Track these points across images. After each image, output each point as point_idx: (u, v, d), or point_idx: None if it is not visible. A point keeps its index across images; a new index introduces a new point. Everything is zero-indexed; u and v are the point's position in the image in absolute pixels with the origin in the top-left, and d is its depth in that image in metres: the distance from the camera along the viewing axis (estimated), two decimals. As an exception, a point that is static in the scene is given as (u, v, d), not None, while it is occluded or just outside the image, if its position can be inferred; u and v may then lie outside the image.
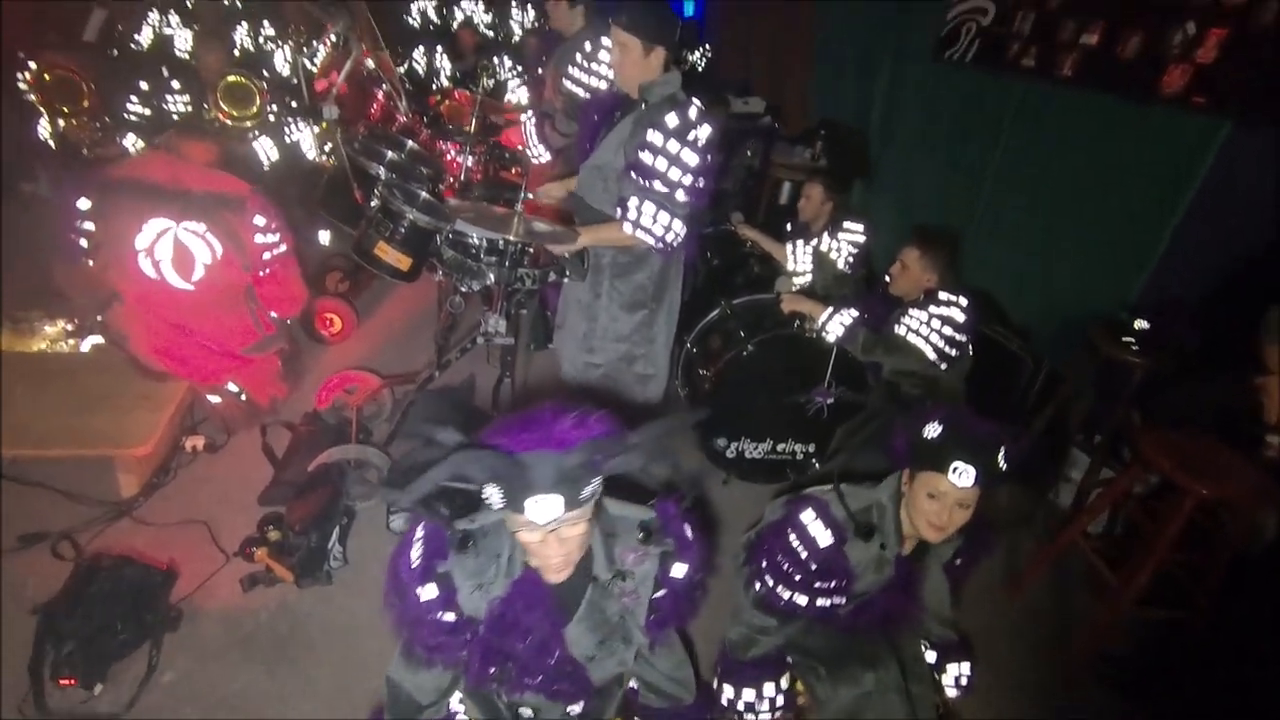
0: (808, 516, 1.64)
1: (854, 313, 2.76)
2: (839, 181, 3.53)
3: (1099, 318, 3.01)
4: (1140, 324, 2.82)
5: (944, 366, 2.67)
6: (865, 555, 1.63)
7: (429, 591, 1.30)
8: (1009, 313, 3.69)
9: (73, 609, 2.06)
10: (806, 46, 5.80)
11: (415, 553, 1.32)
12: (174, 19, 5.28)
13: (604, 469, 1.16)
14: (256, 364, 3.02)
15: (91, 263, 2.70)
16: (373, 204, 2.38)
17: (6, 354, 3.03)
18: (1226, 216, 2.80)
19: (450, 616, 1.32)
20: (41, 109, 4.09)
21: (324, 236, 4.28)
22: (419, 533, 1.34)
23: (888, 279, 2.83)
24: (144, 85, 4.03)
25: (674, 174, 2.21)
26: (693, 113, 2.22)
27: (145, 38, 5.14)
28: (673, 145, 2.19)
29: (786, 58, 6.16)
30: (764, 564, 1.69)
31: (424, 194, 2.39)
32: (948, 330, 2.62)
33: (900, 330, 2.70)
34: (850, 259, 3.32)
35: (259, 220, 2.75)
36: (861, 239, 3.31)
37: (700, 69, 7.20)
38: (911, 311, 2.69)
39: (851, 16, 5.19)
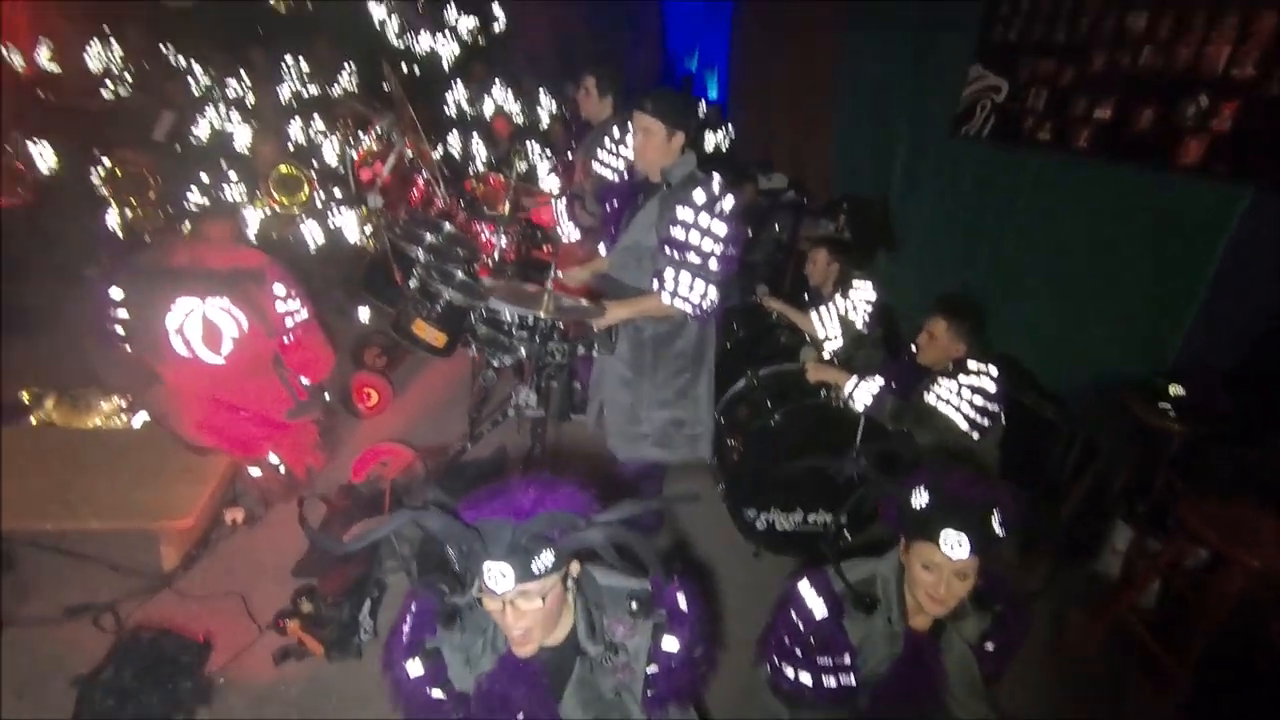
0: (803, 588, 1.60)
1: (880, 380, 2.77)
2: (864, 253, 3.62)
3: (1132, 384, 2.97)
4: (1176, 389, 2.77)
5: (976, 436, 2.64)
6: (870, 630, 1.57)
7: (415, 667, 1.31)
8: (1039, 380, 3.66)
9: (110, 681, 2.09)
10: (825, 124, 6.03)
11: (407, 628, 1.34)
12: (235, 116, 5.71)
13: (560, 544, 1.16)
14: (295, 434, 3.11)
15: (129, 348, 2.86)
16: (411, 284, 2.51)
17: (62, 430, 3.18)
18: (1255, 281, 2.79)
19: (439, 694, 1.32)
20: (112, 201, 4.42)
21: (363, 314, 4.47)
22: (412, 607, 1.35)
23: (914, 348, 2.84)
24: (204, 177, 4.35)
25: (706, 244, 2.33)
26: (715, 187, 2.36)
27: (203, 132, 5.54)
28: (702, 218, 2.32)
29: (806, 135, 6.39)
30: (769, 642, 1.65)
31: (460, 274, 2.51)
32: (979, 400, 2.60)
33: (930, 399, 2.69)
34: (866, 317, 3.37)
35: (279, 289, 2.88)
36: (873, 295, 3.38)
37: (724, 149, 7.49)
38: (941, 381, 2.69)
39: (867, 95, 5.39)
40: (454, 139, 6.54)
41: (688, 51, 9.64)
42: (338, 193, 4.58)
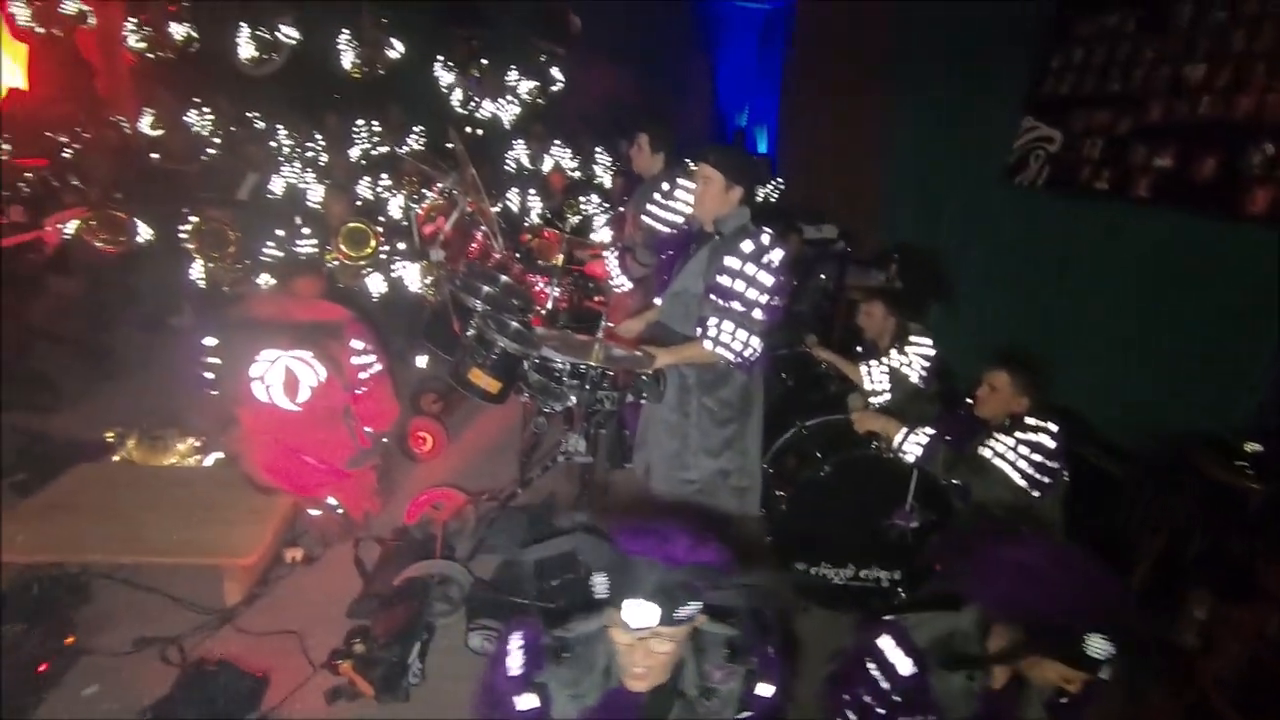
0: (886, 644, 1.57)
1: (930, 431, 2.70)
2: (916, 304, 3.56)
3: (1204, 441, 2.82)
4: (1253, 446, 2.64)
5: (1036, 494, 2.55)
6: (949, 687, 1.52)
7: (528, 701, 1.34)
8: (1104, 436, 3.51)
9: (173, 714, 2.17)
10: (875, 174, 6.06)
11: (513, 662, 1.37)
12: (310, 175, 6.09)
13: (703, 596, 1.21)
14: (354, 479, 3.22)
15: (215, 393, 3.01)
16: (469, 333, 2.61)
17: (138, 467, 3.36)
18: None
19: None
20: (196, 255, 4.75)
21: (420, 361, 4.64)
22: (516, 642, 1.39)
23: (970, 401, 2.78)
24: (279, 231, 4.63)
25: (751, 294, 2.39)
26: (765, 239, 2.43)
27: (278, 188, 5.93)
28: (749, 269, 2.38)
29: (856, 185, 6.43)
30: (845, 698, 1.61)
31: (515, 323, 2.60)
32: (1037, 457, 2.52)
33: (985, 454, 2.62)
34: (923, 372, 3.29)
35: (356, 344, 3.03)
36: (931, 351, 3.29)
37: (773, 200, 7.58)
38: (997, 435, 2.62)
39: (917, 146, 5.42)
40: (512, 193, 6.80)
41: (738, 108, 9.89)
42: (401, 246, 4.81)
